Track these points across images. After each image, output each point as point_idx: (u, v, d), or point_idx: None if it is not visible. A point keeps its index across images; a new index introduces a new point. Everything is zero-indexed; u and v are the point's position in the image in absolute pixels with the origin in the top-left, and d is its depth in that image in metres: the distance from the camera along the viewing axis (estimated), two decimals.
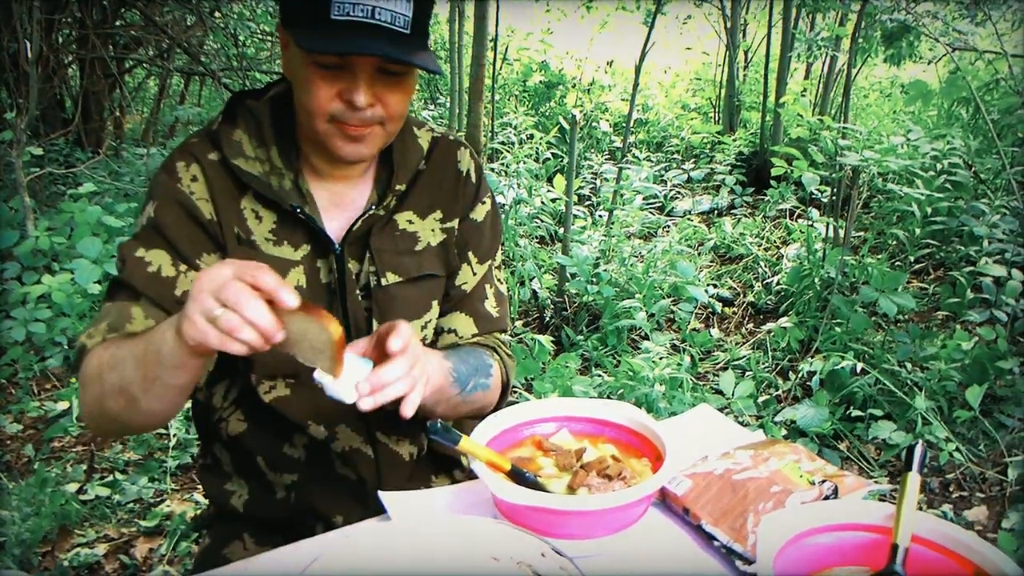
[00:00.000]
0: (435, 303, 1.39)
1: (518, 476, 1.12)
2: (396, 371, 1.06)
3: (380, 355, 1.09)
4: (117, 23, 5.80)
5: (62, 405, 3.35)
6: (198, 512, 2.68)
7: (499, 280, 1.50)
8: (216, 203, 1.26)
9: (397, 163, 1.33)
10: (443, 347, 1.40)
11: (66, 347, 3.68)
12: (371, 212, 1.30)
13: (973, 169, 5.02)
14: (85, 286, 3.51)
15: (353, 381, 1.03)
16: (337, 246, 1.29)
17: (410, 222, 1.36)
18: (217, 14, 5.61)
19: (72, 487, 2.82)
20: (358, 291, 1.32)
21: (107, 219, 3.88)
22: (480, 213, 1.44)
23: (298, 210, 1.26)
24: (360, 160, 1.25)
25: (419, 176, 1.37)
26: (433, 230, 1.38)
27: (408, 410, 1.07)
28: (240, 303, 0.93)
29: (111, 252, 3.64)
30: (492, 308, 1.46)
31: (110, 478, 2.93)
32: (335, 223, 1.30)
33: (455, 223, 1.40)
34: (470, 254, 1.43)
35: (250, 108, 1.29)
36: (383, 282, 1.32)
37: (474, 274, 1.44)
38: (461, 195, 1.41)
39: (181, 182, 1.26)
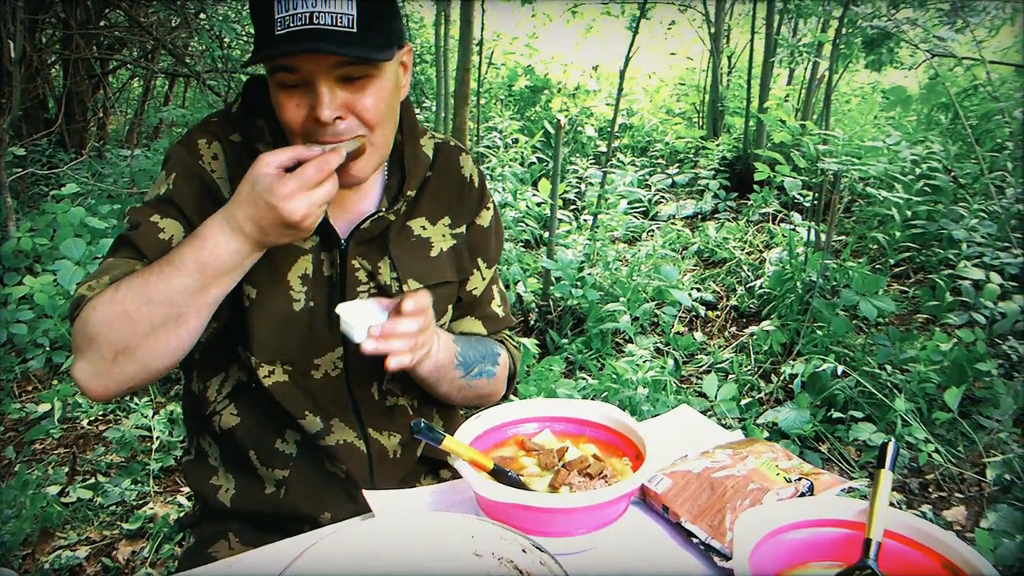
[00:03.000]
0: (449, 307, 1.43)
1: (500, 475, 1.13)
2: (406, 326, 1.12)
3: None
4: (101, 24, 5.78)
5: (44, 407, 3.33)
6: (181, 514, 2.68)
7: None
8: (233, 184, 1.26)
9: (409, 169, 1.34)
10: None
11: (48, 349, 3.66)
12: (381, 214, 1.31)
13: (952, 174, 5.08)
14: (68, 287, 3.50)
15: (367, 324, 1.10)
16: (343, 242, 1.30)
17: (423, 228, 1.38)
18: (202, 15, 5.59)
19: (54, 489, 2.81)
20: (369, 290, 1.33)
21: (90, 220, 3.87)
22: (486, 219, 1.47)
23: None
24: (359, 180, 1.24)
25: (426, 182, 1.39)
26: (444, 236, 1.40)
27: (393, 364, 1.11)
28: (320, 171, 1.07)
29: (94, 253, 3.62)
30: (498, 308, 1.52)
31: (92, 480, 2.91)
32: (341, 223, 1.32)
33: (463, 229, 1.43)
34: (479, 260, 1.46)
35: (266, 94, 1.28)
36: (405, 288, 1.34)
37: (483, 279, 1.48)
38: (467, 201, 1.44)
39: (203, 159, 1.27)
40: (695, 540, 1.09)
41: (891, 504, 1.00)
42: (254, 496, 1.37)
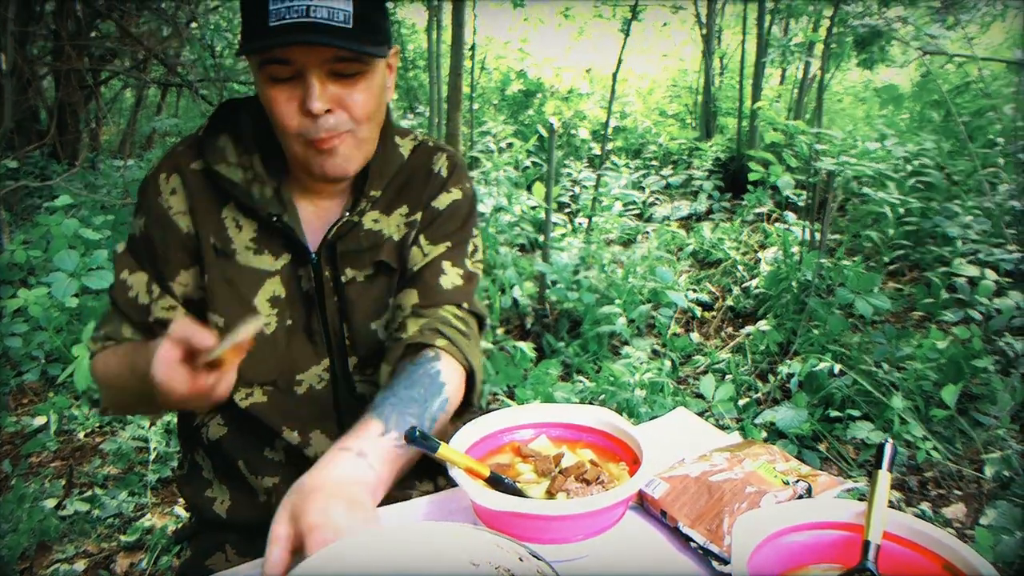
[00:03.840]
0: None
1: (497, 482, 1.12)
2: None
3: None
4: (92, 35, 5.77)
5: (40, 420, 3.32)
6: (179, 525, 2.67)
7: (473, 264, 1.40)
8: (195, 215, 1.27)
9: (373, 172, 1.32)
10: (391, 336, 1.31)
11: (43, 361, 3.65)
12: (344, 220, 1.30)
13: (945, 171, 5.09)
14: (62, 300, 3.49)
15: None
16: (314, 255, 1.30)
17: (376, 221, 1.35)
18: (193, 25, 5.59)
19: (51, 503, 2.80)
20: (335, 297, 1.32)
21: (84, 232, 3.85)
22: (443, 201, 1.39)
23: (275, 218, 1.26)
24: (344, 176, 1.24)
25: (394, 180, 1.37)
26: (398, 225, 1.36)
27: None
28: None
29: (88, 265, 3.61)
30: (447, 282, 1.34)
31: (89, 493, 2.90)
32: (316, 234, 1.31)
33: (418, 216, 1.37)
34: (421, 237, 1.37)
35: (236, 113, 1.30)
36: (343, 279, 1.32)
37: (424, 255, 1.36)
38: (427, 189, 1.39)
39: (161, 195, 1.28)
40: (693, 544, 1.08)
41: (890, 503, 1.00)
42: (248, 506, 1.37)
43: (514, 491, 1.12)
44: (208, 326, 1.24)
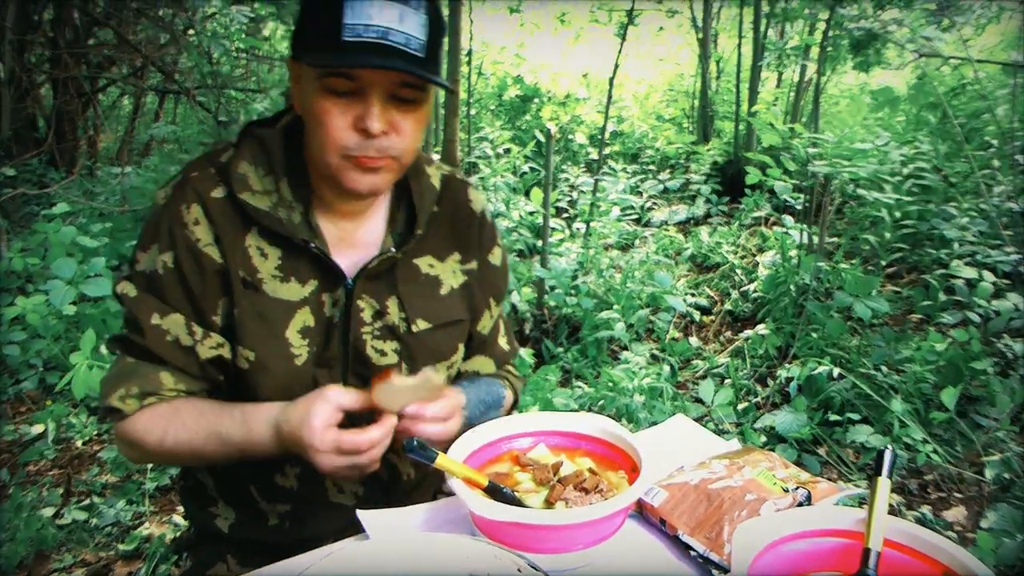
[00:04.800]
0: (460, 346, 1.40)
1: (495, 492, 1.12)
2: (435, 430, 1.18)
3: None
4: (90, 42, 5.77)
5: (37, 428, 3.31)
6: (178, 534, 2.66)
7: None
8: (222, 245, 1.22)
9: (419, 206, 1.31)
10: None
11: (41, 369, 3.64)
12: (391, 254, 1.28)
13: (942, 173, 5.10)
14: (60, 308, 3.48)
15: None
16: (350, 281, 1.26)
17: (431, 265, 1.35)
18: (191, 32, 5.59)
19: (48, 511, 2.79)
20: (375, 330, 1.29)
21: (82, 239, 3.85)
22: (497, 256, 1.45)
23: (312, 245, 1.23)
24: (375, 193, 1.23)
25: (433, 217, 1.35)
26: (454, 272, 1.37)
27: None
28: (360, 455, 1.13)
29: (86, 272, 3.60)
30: (504, 341, 1.51)
31: (87, 501, 2.89)
32: (344, 259, 1.27)
33: (474, 265, 1.40)
34: (491, 299, 1.44)
35: (260, 137, 1.25)
36: (414, 328, 1.31)
37: (492, 317, 1.45)
38: (477, 237, 1.41)
39: (187, 227, 1.22)
40: (693, 553, 1.08)
41: (890, 508, 0.99)
42: (253, 526, 1.35)
43: (513, 501, 1.11)
44: (238, 360, 1.24)
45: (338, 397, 1.12)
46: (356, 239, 1.30)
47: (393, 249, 1.29)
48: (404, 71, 1.10)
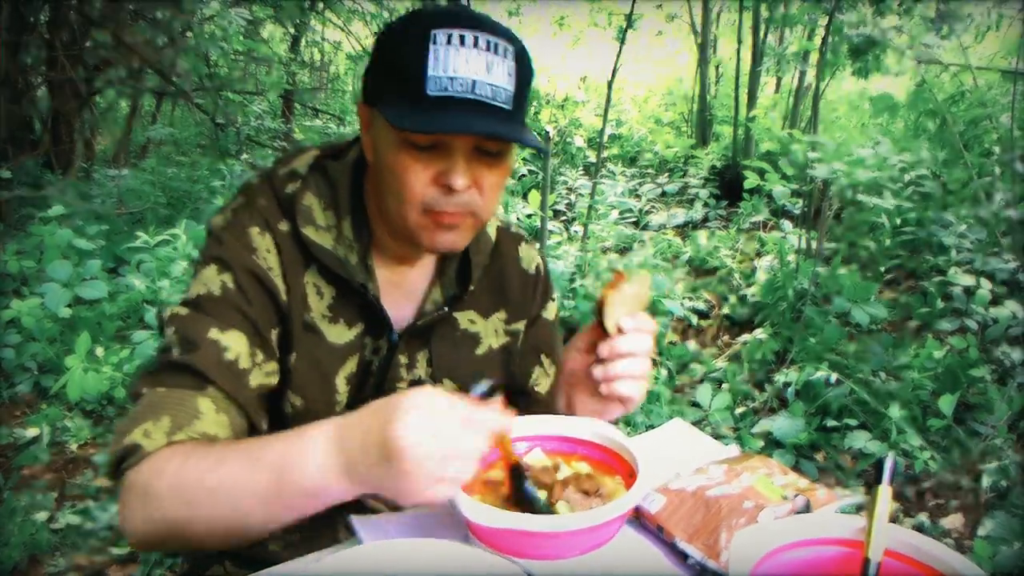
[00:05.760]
0: None
1: (518, 475, 1.09)
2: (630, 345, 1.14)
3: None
4: (87, 44, 5.76)
5: (32, 432, 3.29)
6: None
7: None
8: (287, 281, 1.15)
9: (473, 259, 1.26)
10: None
11: (36, 372, 3.62)
12: (441, 312, 1.23)
13: (941, 180, 5.10)
14: (55, 310, 3.47)
15: None
16: (396, 335, 1.21)
17: (472, 321, 1.29)
18: (189, 34, 5.58)
19: (42, 515, 2.77)
20: (407, 383, 1.25)
21: (77, 241, 3.85)
22: (551, 311, 1.39)
23: (371, 295, 1.18)
24: (452, 251, 1.15)
25: (484, 271, 1.29)
26: (496, 332, 1.31)
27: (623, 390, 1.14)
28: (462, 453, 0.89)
29: (81, 275, 3.59)
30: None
31: (81, 505, 2.88)
32: (392, 305, 1.22)
33: (521, 325, 1.34)
34: (543, 357, 1.37)
35: (327, 171, 1.18)
36: (429, 377, 1.26)
37: (548, 375, 1.38)
38: (531, 297, 1.35)
39: (257, 253, 1.13)
40: (690, 561, 1.07)
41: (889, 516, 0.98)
42: (255, 549, 1.29)
43: (530, 497, 1.09)
44: (283, 403, 1.18)
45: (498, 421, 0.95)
46: (406, 285, 1.25)
47: (446, 308, 1.24)
48: (497, 137, 1.03)
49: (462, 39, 1.00)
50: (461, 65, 1.00)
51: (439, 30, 1.00)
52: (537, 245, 1.38)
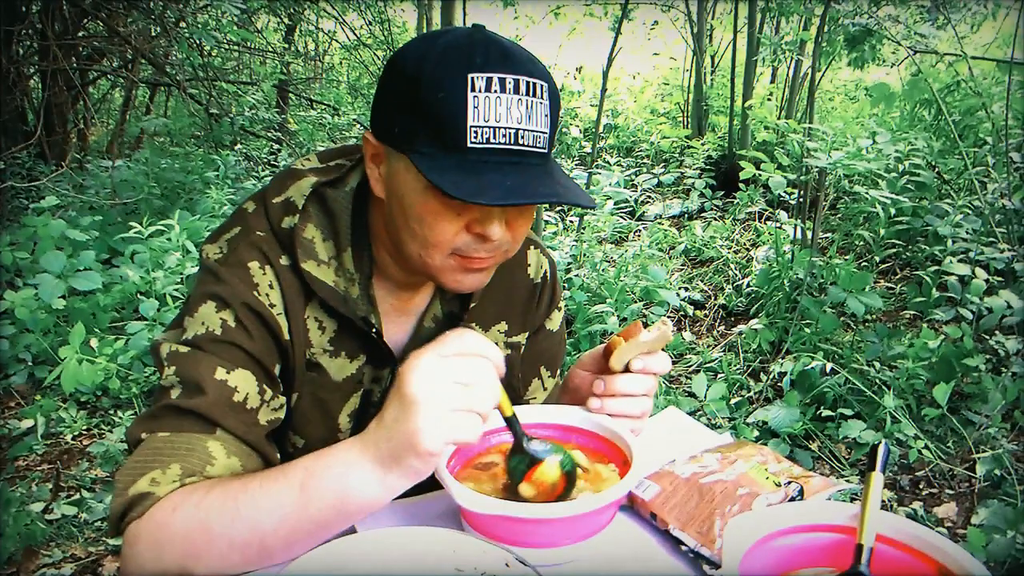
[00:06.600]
0: None
1: (512, 424, 1.08)
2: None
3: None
4: (80, 34, 5.73)
5: (26, 423, 3.29)
6: None
7: None
8: (289, 318, 1.10)
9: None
10: None
11: (30, 363, 3.61)
12: (442, 328, 1.21)
13: (936, 170, 5.10)
14: (49, 301, 3.46)
15: None
16: (397, 365, 1.17)
17: None
18: (182, 24, 5.55)
19: (37, 506, 2.77)
20: None
21: (71, 233, 3.83)
22: (555, 321, 1.36)
23: (373, 331, 1.14)
24: (477, 289, 1.12)
25: (491, 281, 1.24)
26: (496, 343, 1.26)
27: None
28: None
29: (75, 266, 3.58)
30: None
31: (76, 496, 2.88)
32: (393, 328, 1.20)
33: (522, 337, 1.32)
34: (542, 368, 1.35)
35: (328, 201, 1.12)
36: None
37: (544, 389, 1.36)
38: (535, 306, 1.32)
39: (258, 289, 1.08)
40: (684, 548, 1.07)
41: (882, 504, 0.98)
42: None
43: (531, 450, 1.08)
44: (284, 443, 1.17)
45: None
46: (411, 307, 1.23)
47: (454, 324, 1.21)
48: (557, 203, 0.98)
49: (502, 84, 0.94)
50: (505, 114, 0.94)
51: (478, 74, 0.93)
52: (541, 246, 1.35)
